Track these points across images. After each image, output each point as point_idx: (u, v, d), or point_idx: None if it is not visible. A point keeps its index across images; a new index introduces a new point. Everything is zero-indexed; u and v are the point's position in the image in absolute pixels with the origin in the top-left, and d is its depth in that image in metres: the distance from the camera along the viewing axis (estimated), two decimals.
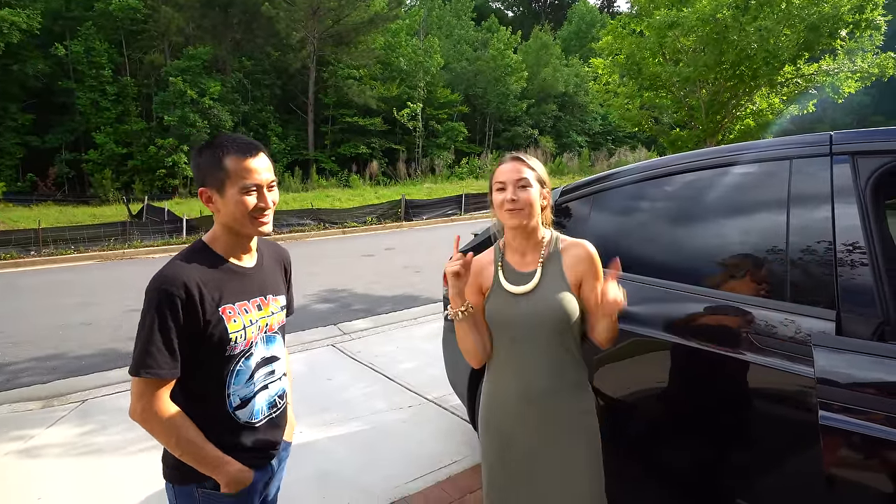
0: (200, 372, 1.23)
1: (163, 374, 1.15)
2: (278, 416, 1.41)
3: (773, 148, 1.68)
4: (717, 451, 1.66)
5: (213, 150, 1.23)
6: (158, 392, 1.17)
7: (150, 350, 1.14)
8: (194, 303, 1.17)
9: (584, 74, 33.19)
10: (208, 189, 1.24)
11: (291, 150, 26.48)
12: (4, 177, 20.39)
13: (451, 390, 3.21)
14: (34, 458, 3.12)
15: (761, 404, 1.54)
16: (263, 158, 1.26)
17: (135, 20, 23.39)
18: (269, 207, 1.26)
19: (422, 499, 2.62)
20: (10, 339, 5.59)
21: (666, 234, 1.97)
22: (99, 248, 11.63)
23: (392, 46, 28.70)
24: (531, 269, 1.49)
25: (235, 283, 1.28)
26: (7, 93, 21.60)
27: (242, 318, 1.26)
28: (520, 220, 1.43)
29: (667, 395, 1.82)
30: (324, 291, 7.42)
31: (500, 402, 1.52)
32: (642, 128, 12.29)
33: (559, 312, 1.43)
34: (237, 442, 1.29)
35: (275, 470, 1.43)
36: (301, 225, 14.26)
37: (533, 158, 1.53)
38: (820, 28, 8.63)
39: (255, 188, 1.23)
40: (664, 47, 10.17)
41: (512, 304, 1.47)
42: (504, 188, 1.44)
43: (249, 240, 1.33)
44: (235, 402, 1.28)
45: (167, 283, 1.16)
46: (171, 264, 1.21)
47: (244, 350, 1.27)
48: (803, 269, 1.50)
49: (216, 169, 1.22)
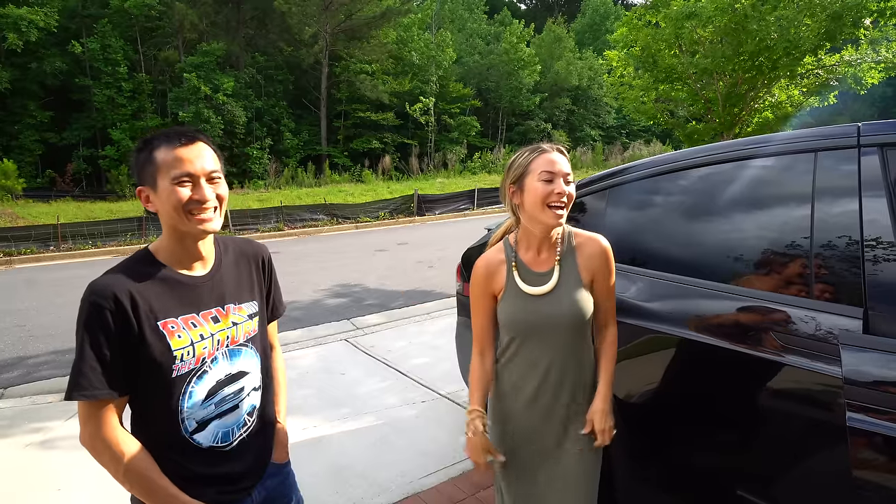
0: (146, 393, 1.11)
1: (99, 394, 1.03)
2: (252, 436, 1.26)
3: (796, 140, 1.63)
4: (738, 453, 1.62)
5: (146, 144, 1.13)
6: (105, 415, 1.05)
7: (82, 370, 1.02)
8: (126, 315, 1.05)
9: (597, 67, 32.89)
10: (144, 188, 1.13)
11: (304, 145, 26.59)
12: (24, 173, 20.69)
13: (463, 386, 3.20)
14: (53, 449, 3.18)
15: (785, 405, 1.50)
16: (201, 147, 1.13)
17: (149, 17, 23.57)
18: (208, 201, 1.11)
19: (435, 494, 2.62)
20: (30, 332, 5.70)
21: (684, 230, 1.93)
22: (116, 242, 11.80)
23: (404, 41, 28.61)
24: (548, 269, 1.42)
25: (180, 294, 1.15)
26: (26, 90, 21.95)
27: (189, 333, 1.13)
28: (562, 218, 1.36)
29: (684, 395, 1.79)
30: (337, 286, 7.45)
31: (515, 399, 1.49)
32: (657, 121, 12.12)
33: (579, 313, 1.39)
34: (200, 471, 1.16)
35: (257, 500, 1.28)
36: (314, 220, 14.33)
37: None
38: (843, 17, 8.41)
39: (188, 178, 1.09)
40: (680, 39, 9.99)
41: (530, 306, 1.41)
42: (552, 179, 1.35)
43: (195, 243, 1.17)
44: (191, 425, 1.15)
45: (96, 294, 1.05)
46: (105, 274, 1.10)
47: (195, 368, 1.14)
48: (828, 265, 1.45)
49: (147, 163, 1.11)
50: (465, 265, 2.98)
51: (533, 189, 1.35)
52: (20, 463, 3.06)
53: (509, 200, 1.44)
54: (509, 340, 1.46)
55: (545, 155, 1.38)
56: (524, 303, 1.41)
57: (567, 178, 1.37)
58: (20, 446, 3.24)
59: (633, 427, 1.96)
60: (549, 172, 1.35)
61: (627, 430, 1.97)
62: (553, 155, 1.38)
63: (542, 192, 1.34)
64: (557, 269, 1.42)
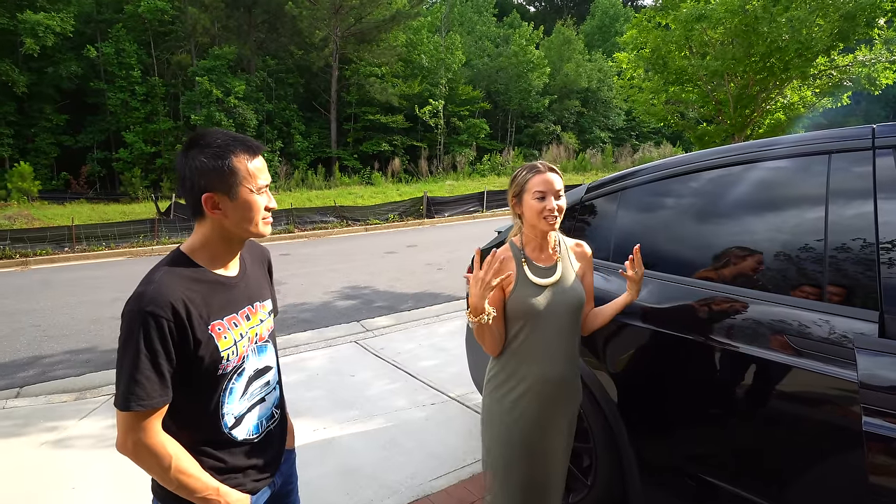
0: (191, 395, 1.13)
1: (155, 403, 1.05)
2: (276, 427, 1.34)
3: (809, 142, 1.62)
4: (751, 457, 1.61)
5: (217, 150, 1.11)
6: (149, 423, 1.06)
7: (138, 379, 1.03)
8: (183, 324, 1.07)
9: (607, 69, 32.82)
10: (215, 194, 1.12)
11: (314, 147, 26.75)
12: (40, 175, 21.01)
13: (473, 388, 3.20)
14: (68, 448, 3.22)
15: (800, 409, 1.48)
16: (262, 159, 1.21)
17: (162, 21, 23.87)
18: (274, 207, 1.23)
19: (445, 497, 2.62)
20: (45, 332, 5.78)
21: (695, 232, 1.92)
22: (129, 244, 11.93)
23: (414, 44, 28.72)
24: (551, 264, 1.66)
25: (222, 295, 1.17)
26: (43, 94, 22.32)
27: (232, 332, 1.17)
28: (555, 225, 1.60)
29: (695, 399, 1.77)
30: (346, 288, 7.48)
31: (514, 387, 1.62)
32: (667, 123, 12.07)
33: (579, 297, 1.65)
34: (236, 463, 1.21)
35: (277, 485, 1.34)
36: (324, 222, 14.39)
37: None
38: (856, 17, 8.33)
39: (266, 187, 1.18)
40: (691, 40, 9.95)
41: (539, 295, 1.61)
42: (544, 197, 1.58)
43: (242, 245, 1.24)
44: (230, 421, 1.19)
45: (152, 304, 1.04)
46: (153, 281, 1.08)
47: (236, 366, 1.18)
48: (843, 268, 1.44)
49: (228, 171, 1.11)
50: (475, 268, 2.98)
51: (529, 205, 1.61)
52: (35, 462, 3.10)
53: (513, 210, 1.70)
54: (518, 329, 1.62)
55: (539, 175, 1.60)
56: (534, 291, 1.61)
57: (558, 193, 1.60)
58: (35, 445, 3.28)
59: (645, 430, 1.95)
60: (541, 192, 1.58)
61: (639, 432, 1.97)
62: (547, 175, 1.60)
63: (537, 207, 1.59)
64: (560, 264, 1.66)
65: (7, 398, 4.05)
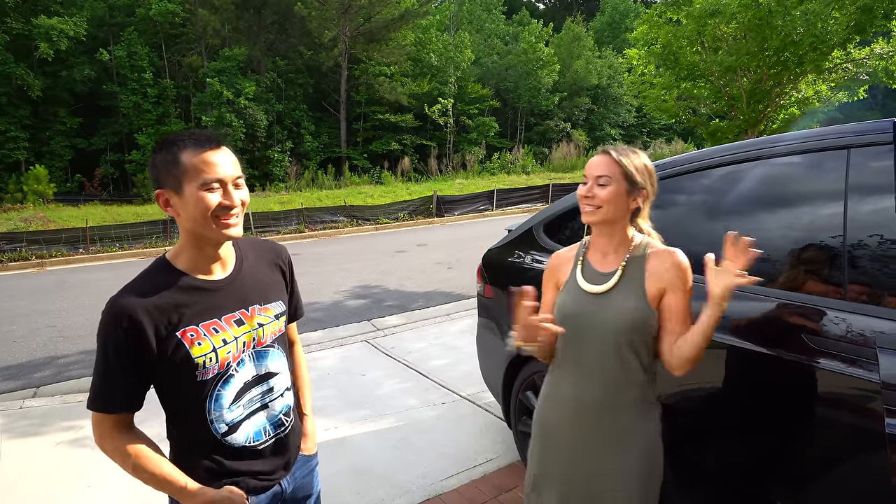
0: (173, 398, 1.15)
1: (117, 408, 1.10)
2: (287, 435, 1.29)
3: (827, 137, 1.58)
4: (772, 459, 1.58)
5: (169, 146, 1.09)
6: (113, 425, 1.10)
7: (103, 383, 1.09)
8: (142, 333, 1.06)
9: (617, 66, 32.55)
10: (165, 191, 1.09)
11: (324, 147, 26.86)
12: (55, 178, 21.35)
13: (484, 387, 3.18)
14: (83, 447, 3.25)
15: (821, 411, 1.45)
16: (226, 152, 1.12)
17: (173, 24, 24.12)
18: (236, 206, 1.11)
19: (456, 496, 2.61)
20: (61, 333, 5.86)
21: (709, 230, 1.88)
22: (142, 245, 12.08)
23: (422, 43, 28.70)
24: (611, 270, 1.39)
25: (200, 301, 1.14)
26: (57, 98, 22.68)
27: (210, 339, 1.13)
28: (591, 217, 1.38)
29: (717, 400, 1.74)
30: (357, 288, 7.49)
31: (553, 404, 1.49)
32: (679, 119, 11.94)
33: (624, 321, 1.32)
34: (234, 467, 1.18)
35: (287, 490, 1.30)
36: (334, 222, 14.45)
37: (632, 154, 1.39)
38: (874, 9, 8.17)
39: (217, 183, 1.08)
40: (703, 35, 9.82)
41: (581, 302, 1.40)
42: (587, 181, 1.39)
43: (217, 248, 1.17)
44: (221, 428, 1.16)
45: (113, 311, 1.06)
46: (123, 289, 1.10)
47: (220, 373, 1.14)
48: (863, 265, 1.40)
49: (171, 166, 1.07)
50: (485, 267, 2.96)
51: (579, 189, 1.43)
52: (51, 461, 3.14)
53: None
54: (561, 343, 1.44)
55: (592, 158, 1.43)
56: (576, 297, 1.41)
57: (600, 179, 1.37)
58: (51, 444, 3.32)
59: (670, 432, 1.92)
60: (585, 175, 1.41)
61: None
62: (594, 158, 1.42)
63: (578, 192, 1.42)
64: (620, 271, 1.38)
65: (24, 398, 4.12)
